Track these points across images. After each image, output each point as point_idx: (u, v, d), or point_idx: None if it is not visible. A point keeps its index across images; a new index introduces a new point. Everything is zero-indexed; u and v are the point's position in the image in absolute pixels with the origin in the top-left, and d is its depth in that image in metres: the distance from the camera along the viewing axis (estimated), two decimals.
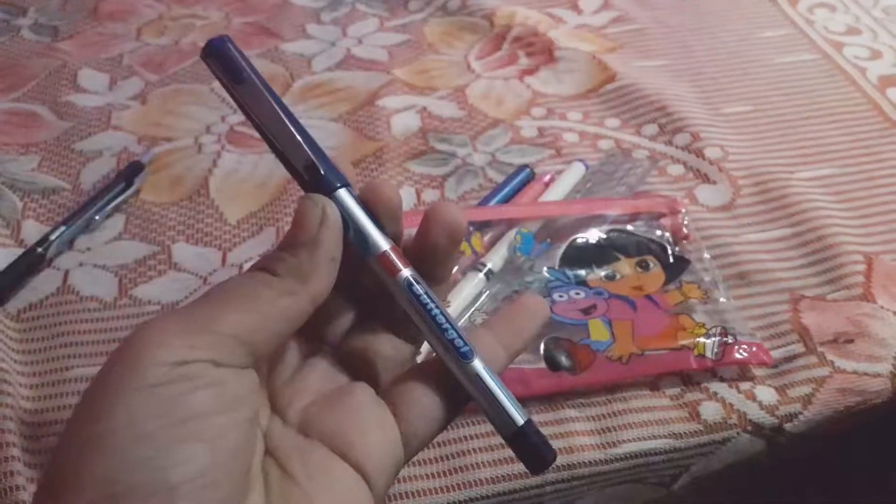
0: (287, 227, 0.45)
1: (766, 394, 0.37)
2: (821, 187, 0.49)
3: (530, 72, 0.58)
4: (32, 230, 0.45)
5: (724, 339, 0.38)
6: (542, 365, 0.38)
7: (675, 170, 0.50)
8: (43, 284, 0.42)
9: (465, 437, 0.36)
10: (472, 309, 0.41)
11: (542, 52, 0.60)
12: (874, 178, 0.49)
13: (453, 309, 0.40)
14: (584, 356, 0.38)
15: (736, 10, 0.65)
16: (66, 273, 0.43)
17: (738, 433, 0.36)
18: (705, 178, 0.49)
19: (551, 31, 0.62)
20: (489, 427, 0.36)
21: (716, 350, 0.38)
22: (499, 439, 0.35)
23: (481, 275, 0.42)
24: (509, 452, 0.35)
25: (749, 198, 0.48)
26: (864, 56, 0.60)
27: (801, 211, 0.46)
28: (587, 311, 0.40)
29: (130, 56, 0.60)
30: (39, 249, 0.43)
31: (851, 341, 0.40)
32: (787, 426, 0.37)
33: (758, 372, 0.38)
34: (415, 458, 0.35)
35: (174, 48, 0.61)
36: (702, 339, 0.38)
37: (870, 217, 0.47)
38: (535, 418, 0.36)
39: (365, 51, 0.60)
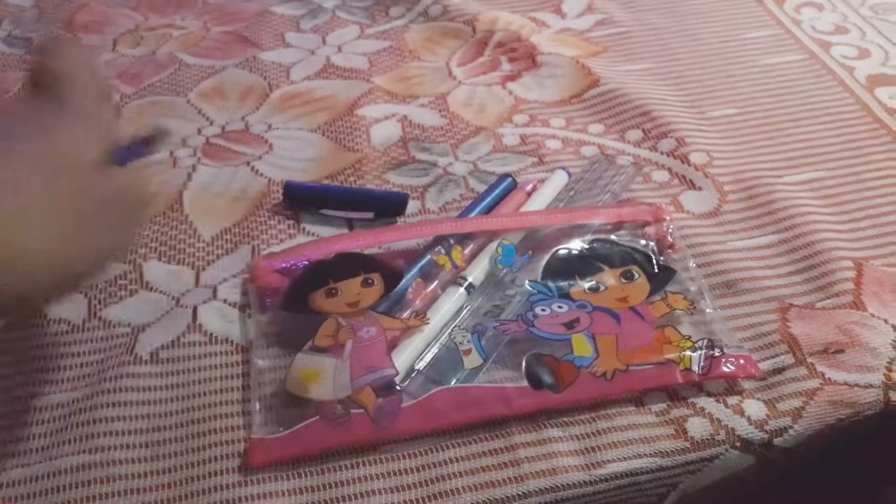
0: (262, 246, 0.44)
1: (755, 408, 0.36)
2: (809, 191, 0.48)
3: (513, 78, 0.57)
4: None
5: (711, 351, 0.37)
6: (524, 383, 0.37)
7: (660, 176, 0.49)
8: None
9: (447, 461, 0.35)
10: (454, 325, 0.40)
11: (524, 57, 0.59)
12: (863, 180, 0.49)
13: (433, 325, 0.39)
14: (567, 373, 0.37)
15: (721, 11, 0.64)
16: None
17: (726, 450, 0.35)
18: (691, 185, 0.48)
19: (534, 36, 0.61)
20: (471, 449, 0.35)
21: (702, 363, 0.37)
22: (481, 461, 0.34)
23: (462, 289, 0.41)
24: (492, 475, 0.34)
25: (735, 204, 0.47)
26: (851, 55, 0.59)
27: (788, 216, 0.45)
28: (570, 326, 0.39)
29: (106, 68, 0.59)
30: None
31: (842, 351, 0.39)
32: (777, 441, 0.36)
33: (746, 385, 0.37)
34: (394, 485, 0.34)
35: (150, 59, 0.60)
36: (688, 353, 0.37)
37: (859, 221, 0.46)
38: (517, 439, 0.35)
39: (345, 59, 0.59)
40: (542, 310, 0.40)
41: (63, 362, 0.39)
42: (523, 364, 0.37)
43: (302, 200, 0.47)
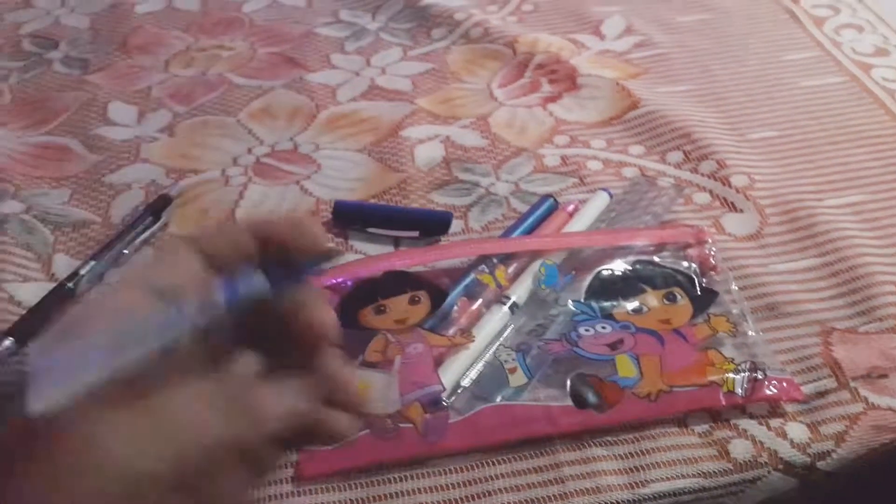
0: None
1: (798, 431, 0.37)
2: (850, 214, 0.48)
3: (553, 99, 0.58)
4: (63, 264, 0.46)
5: (754, 374, 0.38)
6: (569, 402, 0.37)
7: (701, 198, 0.49)
8: None
9: (493, 477, 0.36)
10: (498, 343, 0.41)
11: (564, 79, 0.60)
12: None
13: (478, 343, 0.40)
14: (611, 393, 0.37)
15: (760, 33, 0.65)
16: None
17: (769, 472, 0.36)
18: (732, 207, 0.49)
19: (574, 58, 0.62)
20: (516, 466, 0.36)
21: (745, 386, 0.37)
22: (526, 478, 0.35)
23: (506, 308, 0.42)
24: (537, 492, 0.35)
25: (777, 226, 0.47)
26: (893, 77, 0.59)
27: (830, 240, 0.46)
28: (614, 347, 0.39)
29: (159, 88, 0.61)
30: (69, 285, 0.44)
31: (885, 376, 0.39)
32: (820, 464, 0.36)
33: (788, 408, 0.38)
34: (441, 498, 0.35)
35: (201, 79, 0.62)
36: (731, 375, 0.38)
37: None
38: (562, 457, 0.36)
39: (388, 80, 0.61)
40: (586, 330, 0.40)
41: None
42: (568, 384, 0.38)
43: (350, 219, 0.48)
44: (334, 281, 0.43)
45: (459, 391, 0.39)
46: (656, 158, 0.53)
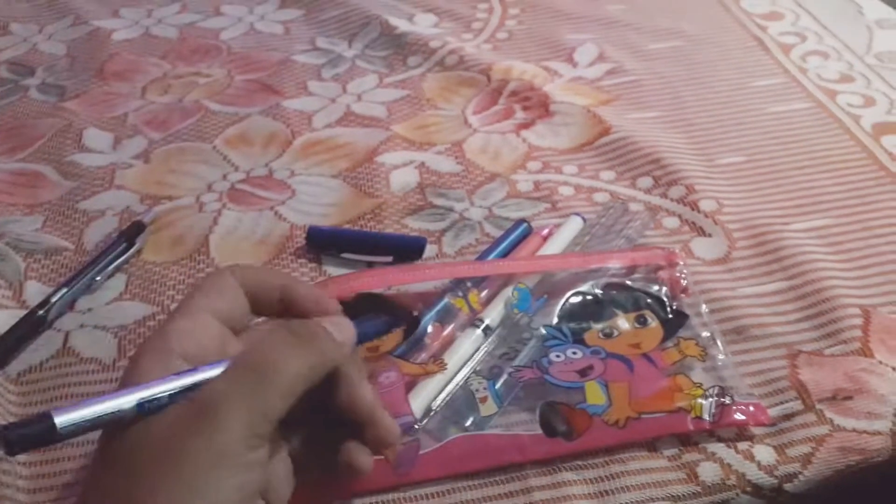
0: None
1: (765, 453, 0.37)
2: (816, 238, 0.49)
3: (526, 126, 0.59)
4: (34, 291, 0.46)
5: (722, 399, 0.38)
6: (538, 430, 0.38)
7: (671, 223, 0.50)
8: (43, 346, 0.43)
9: (465, 502, 0.36)
10: (470, 366, 0.41)
11: (537, 105, 0.61)
12: (870, 228, 0.50)
13: (451, 367, 0.40)
14: (580, 421, 0.38)
15: (729, 60, 0.66)
16: (67, 335, 0.44)
17: (737, 494, 0.36)
18: (701, 231, 0.49)
19: (547, 85, 0.63)
20: (487, 491, 0.36)
21: (713, 411, 0.38)
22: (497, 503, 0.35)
23: (479, 331, 0.42)
24: None
25: (745, 251, 0.48)
26: (857, 104, 0.61)
27: (797, 263, 0.46)
28: (584, 373, 0.40)
29: (135, 115, 0.61)
30: (40, 312, 0.44)
31: (850, 398, 0.39)
32: (787, 486, 0.36)
33: (756, 431, 0.38)
34: None
35: (177, 106, 0.62)
36: (699, 401, 0.38)
37: (866, 269, 0.47)
38: (532, 482, 0.36)
39: (364, 107, 0.61)
40: (557, 356, 0.41)
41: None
42: (538, 412, 0.38)
43: (324, 244, 0.49)
44: None
45: (431, 414, 0.39)
46: (627, 184, 0.53)
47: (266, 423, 0.29)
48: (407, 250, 0.48)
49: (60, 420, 0.25)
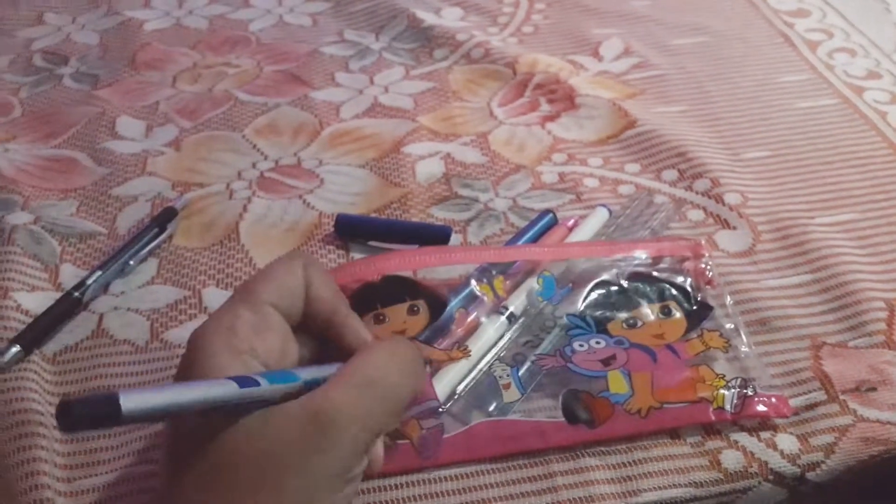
0: None
1: (788, 442, 0.37)
2: (842, 232, 0.49)
3: (552, 118, 0.59)
4: (70, 274, 0.47)
5: (744, 391, 0.38)
6: (561, 416, 0.38)
7: (696, 215, 0.50)
8: (79, 328, 0.44)
9: (487, 485, 0.36)
10: (494, 353, 0.41)
11: (563, 98, 0.61)
12: (895, 222, 0.50)
13: (475, 353, 0.41)
14: (602, 409, 0.38)
15: (755, 56, 0.66)
16: (101, 317, 0.45)
17: (759, 482, 0.36)
18: (725, 224, 0.50)
19: (572, 78, 0.63)
20: (510, 475, 0.36)
21: (735, 402, 0.38)
22: (520, 487, 0.36)
23: (503, 318, 0.43)
24: (530, 501, 0.36)
25: (769, 243, 0.48)
26: (884, 100, 0.60)
27: (821, 257, 0.46)
28: (607, 363, 0.40)
29: (166, 103, 0.62)
30: (76, 294, 0.45)
31: (874, 389, 0.39)
32: (810, 475, 0.37)
33: (779, 420, 0.38)
34: None
35: (208, 95, 0.63)
36: (721, 391, 0.38)
37: (891, 263, 0.47)
38: (555, 467, 0.37)
39: (391, 98, 0.62)
40: (580, 345, 0.41)
41: (128, 380, 0.41)
42: (560, 400, 0.39)
43: (351, 232, 0.49)
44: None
45: (455, 398, 0.39)
46: (651, 176, 0.54)
47: (374, 441, 0.29)
48: (432, 239, 0.49)
49: (126, 403, 0.24)
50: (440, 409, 0.39)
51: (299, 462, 0.26)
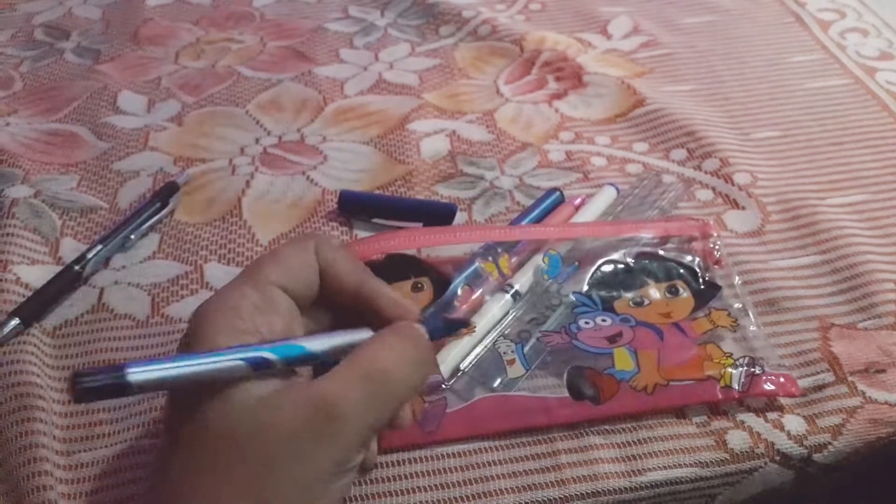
0: None
1: (795, 423, 0.37)
2: (852, 214, 0.48)
3: (559, 96, 0.59)
4: (70, 248, 0.47)
5: (752, 369, 0.38)
6: (565, 393, 0.38)
7: (704, 195, 0.50)
8: (79, 302, 0.44)
9: (490, 463, 0.36)
10: (498, 330, 0.41)
11: (570, 76, 0.60)
12: None
13: (479, 330, 0.40)
14: (608, 386, 0.38)
15: (766, 35, 0.65)
16: (102, 291, 0.44)
17: (765, 463, 0.36)
18: (734, 204, 0.49)
19: (580, 56, 0.62)
20: (514, 453, 0.36)
21: (742, 381, 0.37)
22: (524, 465, 0.36)
23: (508, 296, 0.42)
24: (534, 478, 0.35)
25: (778, 224, 0.47)
26: None
27: (831, 238, 0.46)
28: (613, 340, 0.40)
29: (168, 79, 0.62)
30: (77, 267, 0.44)
31: (883, 371, 0.39)
32: (816, 456, 0.36)
33: (786, 401, 0.38)
34: (438, 482, 0.35)
35: (210, 71, 0.62)
36: (729, 370, 0.38)
37: None
38: (559, 445, 0.36)
39: (396, 75, 0.61)
40: (586, 322, 0.41)
41: (128, 355, 0.41)
42: (565, 376, 0.38)
43: (355, 209, 0.49)
44: None
45: (459, 375, 0.39)
46: (660, 155, 0.53)
47: (376, 434, 0.29)
48: (437, 217, 0.48)
49: (134, 375, 0.25)
50: (444, 385, 0.38)
51: (302, 449, 0.26)
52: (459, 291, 0.43)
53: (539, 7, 0.70)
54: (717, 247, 0.44)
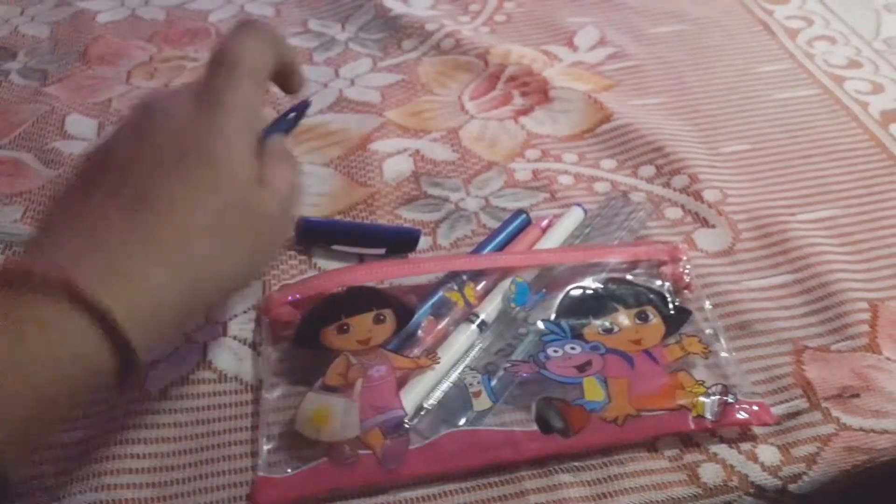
0: (274, 282, 0.44)
1: (769, 453, 0.36)
2: (823, 230, 0.47)
3: (525, 112, 0.57)
4: None
5: (725, 398, 0.37)
6: (534, 427, 0.36)
7: (673, 213, 0.49)
8: None
9: None
10: (465, 363, 0.39)
11: (536, 91, 0.59)
12: (878, 219, 0.48)
13: (444, 363, 0.39)
14: (577, 417, 0.36)
15: (734, 45, 0.64)
16: None
17: (739, 496, 0.35)
18: (704, 222, 0.48)
19: (546, 70, 0.61)
20: (481, 494, 0.34)
21: (715, 410, 0.36)
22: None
23: (474, 326, 0.41)
24: None
25: (749, 242, 0.46)
26: (865, 90, 0.59)
27: (803, 256, 0.45)
28: (582, 369, 0.38)
29: (119, 100, 0.59)
30: None
31: (857, 396, 0.38)
32: (791, 487, 0.35)
33: (759, 430, 0.37)
34: None
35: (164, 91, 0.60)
36: (701, 399, 0.37)
37: (874, 261, 0.45)
38: (528, 484, 0.35)
39: (358, 92, 0.60)
40: (555, 351, 0.39)
41: None
42: (533, 408, 0.37)
43: (314, 236, 0.47)
44: (299, 296, 0.42)
45: (422, 413, 0.37)
46: (628, 173, 0.52)
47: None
48: (400, 242, 0.47)
49: None
50: (406, 424, 0.37)
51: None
52: (424, 322, 0.41)
53: (504, 18, 0.68)
54: (686, 270, 0.43)
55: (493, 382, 0.38)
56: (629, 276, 0.43)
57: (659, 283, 0.43)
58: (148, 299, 0.29)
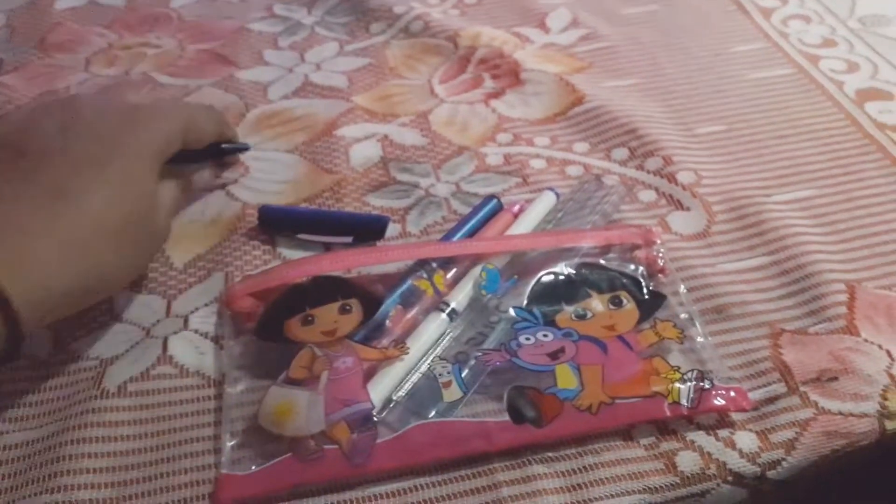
0: (236, 273, 0.42)
1: (747, 440, 0.35)
2: (799, 210, 0.46)
3: (496, 95, 0.56)
4: None
5: (701, 384, 0.36)
6: (506, 417, 0.35)
7: (647, 196, 0.48)
8: None
9: (428, 500, 0.33)
10: (435, 353, 0.38)
11: (507, 74, 0.57)
12: (854, 198, 0.47)
13: (413, 354, 0.38)
14: (550, 406, 0.35)
15: (708, 25, 0.63)
16: None
17: (717, 484, 0.34)
18: (678, 205, 0.47)
19: (517, 52, 0.60)
20: (452, 488, 0.33)
21: (691, 396, 0.35)
22: (463, 500, 0.33)
23: (444, 315, 0.40)
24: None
25: (724, 224, 0.45)
26: (840, 69, 0.58)
27: (779, 237, 0.44)
28: (555, 356, 0.37)
29: (78, 88, 0.57)
30: None
31: (835, 379, 0.37)
32: (770, 473, 0.34)
33: (737, 417, 0.36)
34: None
35: (125, 79, 0.58)
36: (677, 385, 0.36)
37: (851, 242, 0.44)
38: (500, 476, 0.34)
39: (324, 77, 0.58)
40: (527, 339, 0.38)
41: (26, 399, 0.37)
42: (504, 397, 0.36)
43: (278, 225, 0.45)
44: (261, 287, 0.40)
45: (391, 406, 0.36)
46: (601, 156, 0.51)
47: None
48: (368, 230, 0.45)
49: None
50: (374, 417, 0.35)
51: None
52: (392, 312, 0.40)
53: (474, 1, 0.67)
54: (660, 254, 0.42)
55: (465, 372, 0.37)
56: (602, 261, 0.42)
57: (633, 267, 0.42)
58: (43, 284, 0.32)
